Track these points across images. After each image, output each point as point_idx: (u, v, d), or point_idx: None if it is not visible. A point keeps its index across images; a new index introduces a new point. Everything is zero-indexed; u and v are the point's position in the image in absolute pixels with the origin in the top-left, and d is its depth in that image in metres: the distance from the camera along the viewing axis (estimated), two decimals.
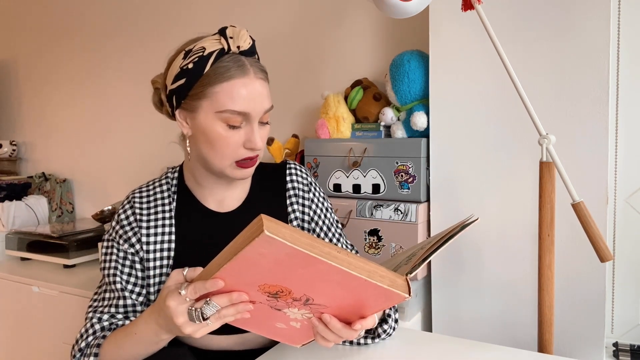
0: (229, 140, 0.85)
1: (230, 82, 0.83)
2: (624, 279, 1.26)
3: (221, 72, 0.83)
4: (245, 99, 0.84)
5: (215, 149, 0.86)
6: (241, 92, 0.83)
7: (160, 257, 0.91)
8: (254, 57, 0.88)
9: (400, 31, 1.54)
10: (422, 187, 1.27)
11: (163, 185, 0.98)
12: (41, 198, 2.31)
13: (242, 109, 0.84)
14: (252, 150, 0.87)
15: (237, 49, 0.85)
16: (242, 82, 0.84)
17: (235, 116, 0.84)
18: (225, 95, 0.83)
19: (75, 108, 2.36)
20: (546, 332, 0.97)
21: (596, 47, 1.06)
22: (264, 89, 0.87)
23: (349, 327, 0.72)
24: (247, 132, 0.86)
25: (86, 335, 0.86)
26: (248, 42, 0.86)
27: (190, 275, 0.71)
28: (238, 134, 0.86)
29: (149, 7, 2.08)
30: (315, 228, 1.00)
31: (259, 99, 0.85)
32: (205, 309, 0.68)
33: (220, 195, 0.97)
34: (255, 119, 0.86)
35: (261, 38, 1.83)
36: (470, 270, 1.24)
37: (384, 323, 0.91)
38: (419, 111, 1.28)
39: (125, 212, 0.94)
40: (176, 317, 0.69)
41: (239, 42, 0.85)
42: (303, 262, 0.59)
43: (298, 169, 1.03)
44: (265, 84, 0.88)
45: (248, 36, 0.87)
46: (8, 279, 1.83)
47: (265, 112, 0.88)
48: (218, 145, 0.86)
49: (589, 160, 1.08)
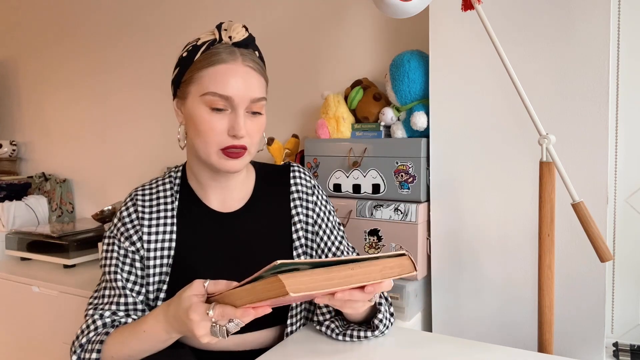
0: (212, 124, 0.85)
1: (216, 67, 0.85)
2: (624, 279, 1.26)
3: (209, 58, 0.85)
4: (229, 83, 0.84)
5: (200, 134, 0.87)
6: (225, 76, 0.84)
7: (161, 256, 0.91)
8: (248, 49, 0.88)
9: (400, 31, 1.54)
10: (422, 187, 1.27)
11: (166, 184, 0.98)
12: (41, 198, 2.31)
13: (224, 92, 0.84)
14: (235, 138, 0.86)
15: (229, 40, 0.86)
16: (228, 67, 0.85)
17: (217, 99, 0.84)
18: (210, 79, 0.85)
19: (75, 108, 2.36)
20: (546, 332, 0.97)
21: (596, 47, 1.06)
22: (252, 77, 0.86)
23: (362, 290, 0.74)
24: (231, 118, 0.86)
25: (87, 331, 0.86)
26: (242, 34, 0.87)
27: (211, 289, 0.73)
28: (222, 119, 0.85)
29: (149, 8, 2.08)
30: (318, 231, 1.01)
31: (244, 85, 0.85)
32: (230, 326, 0.70)
33: (222, 195, 0.97)
34: (239, 105, 0.85)
35: (261, 38, 1.82)
36: (470, 270, 1.24)
37: (377, 313, 0.91)
38: (419, 111, 1.28)
39: (127, 209, 0.94)
40: (197, 329, 0.71)
41: (231, 33, 0.86)
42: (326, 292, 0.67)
43: (302, 171, 1.03)
44: (254, 73, 0.87)
45: (242, 29, 0.87)
46: (8, 279, 1.83)
47: (254, 102, 0.87)
48: (202, 129, 0.86)
49: (589, 160, 1.08)
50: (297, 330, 0.98)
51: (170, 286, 0.91)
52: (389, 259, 0.71)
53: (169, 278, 0.91)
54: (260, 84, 0.89)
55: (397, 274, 0.71)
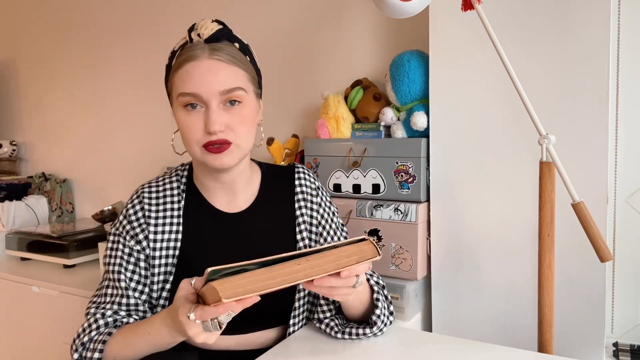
0: (189, 124, 0.86)
1: (184, 67, 0.86)
2: (624, 279, 1.26)
3: (179, 59, 0.87)
4: (194, 80, 0.84)
5: (183, 135, 0.88)
6: (190, 73, 0.85)
7: (166, 255, 0.91)
8: (222, 42, 0.87)
9: (400, 31, 1.54)
10: (422, 187, 1.27)
11: (173, 182, 0.98)
12: (41, 198, 2.31)
13: (190, 90, 0.84)
14: (211, 134, 0.85)
15: (199, 37, 0.87)
16: (192, 64, 0.85)
17: (187, 97, 0.85)
18: (179, 79, 0.86)
19: (75, 108, 2.36)
20: (546, 332, 0.97)
21: (596, 47, 1.06)
22: (219, 69, 0.85)
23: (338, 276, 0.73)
24: (206, 115, 0.85)
25: (89, 330, 0.86)
26: (210, 29, 0.86)
27: (197, 285, 0.73)
28: (197, 117, 0.85)
29: (149, 9, 2.08)
30: (322, 232, 1.01)
31: (209, 78, 0.84)
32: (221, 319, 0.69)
33: (227, 196, 0.97)
34: (210, 100, 0.84)
35: (261, 38, 1.83)
36: (470, 270, 1.24)
37: (375, 309, 0.91)
38: (419, 111, 1.28)
39: (133, 207, 0.94)
40: (189, 330, 0.71)
41: (200, 31, 0.87)
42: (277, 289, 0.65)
43: (306, 173, 1.04)
44: (223, 65, 0.85)
45: (212, 23, 0.87)
46: (8, 279, 1.83)
47: (226, 93, 0.85)
48: (183, 131, 0.87)
49: (589, 160, 1.08)
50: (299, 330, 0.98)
51: (173, 285, 0.91)
52: (345, 247, 0.71)
53: (172, 277, 0.91)
54: (233, 74, 0.86)
55: (355, 261, 0.71)
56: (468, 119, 1.22)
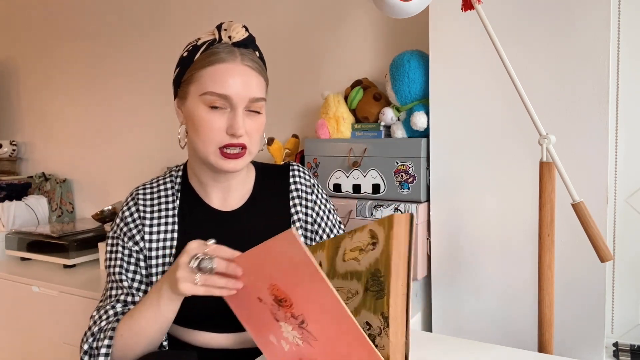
0: (211, 123, 0.86)
1: (215, 66, 0.85)
2: (624, 279, 1.26)
3: (208, 57, 0.86)
4: (227, 82, 0.85)
5: (198, 133, 0.87)
6: (224, 75, 0.85)
7: (163, 255, 0.92)
8: (248, 49, 0.89)
9: (400, 31, 1.54)
10: (422, 187, 1.27)
11: (167, 183, 0.98)
12: (41, 198, 2.31)
13: (222, 92, 0.84)
14: (234, 137, 0.86)
15: (229, 39, 0.87)
16: (226, 66, 0.85)
17: (216, 98, 0.85)
18: (209, 78, 0.85)
19: (75, 108, 2.36)
20: (546, 332, 0.97)
21: (596, 47, 1.06)
22: (250, 77, 0.87)
23: None
24: (230, 117, 0.86)
25: (99, 321, 0.85)
26: (241, 34, 0.87)
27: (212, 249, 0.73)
28: (221, 118, 0.86)
29: (149, 9, 2.08)
30: (317, 230, 1.01)
31: (242, 84, 0.85)
32: (204, 261, 0.71)
33: (223, 194, 0.97)
34: (238, 105, 0.86)
35: (261, 38, 1.82)
36: (470, 270, 1.24)
37: None
38: (419, 111, 1.28)
39: (129, 209, 0.95)
40: (180, 269, 0.72)
41: (230, 33, 0.87)
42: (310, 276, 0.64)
43: (301, 170, 1.04)
44: (253, 73, 0.88)
45: (242, 29, 0.88)
46: (8, 279, 1.83)
47: (253, 101, 0.87)
48: (201, 128, 0.86)
49: (589, 160, 1.08)
50: None
51: None
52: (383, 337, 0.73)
53: None
54: (260, 83, 0.89)
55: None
56: (468, 119, 1.22)
